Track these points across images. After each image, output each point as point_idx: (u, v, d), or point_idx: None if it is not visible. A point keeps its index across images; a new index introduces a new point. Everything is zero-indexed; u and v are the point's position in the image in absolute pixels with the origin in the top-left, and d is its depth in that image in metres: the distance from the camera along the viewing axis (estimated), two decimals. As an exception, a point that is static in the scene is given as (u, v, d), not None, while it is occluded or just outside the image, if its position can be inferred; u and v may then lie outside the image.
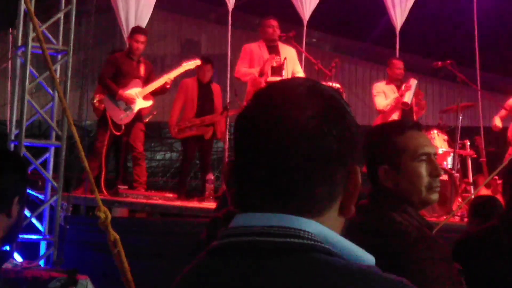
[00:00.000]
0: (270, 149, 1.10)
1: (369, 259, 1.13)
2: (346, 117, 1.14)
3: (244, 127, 1.15)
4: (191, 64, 8.10)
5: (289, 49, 7.93)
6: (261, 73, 7.53)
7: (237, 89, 8.60)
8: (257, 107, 1.15)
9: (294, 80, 1.21)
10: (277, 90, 1.16)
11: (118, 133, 7.76)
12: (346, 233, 1.17)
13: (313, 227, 1.09)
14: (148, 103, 7.93)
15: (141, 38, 7.89)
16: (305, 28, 9.58)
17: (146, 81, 7.92)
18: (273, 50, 7.88)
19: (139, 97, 7.81)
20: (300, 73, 7.95)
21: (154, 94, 7.99)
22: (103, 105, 8.01)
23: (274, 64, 7.72)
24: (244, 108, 1.17)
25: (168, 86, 7.94)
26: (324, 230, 1.10)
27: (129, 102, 7.77)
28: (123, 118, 7.78)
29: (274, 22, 7.94)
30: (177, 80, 8.13)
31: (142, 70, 7.95)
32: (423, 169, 2.27)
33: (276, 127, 1.10)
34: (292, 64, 7.79)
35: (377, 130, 2.46)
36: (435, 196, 2.30)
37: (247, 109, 1.17)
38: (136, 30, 8.07)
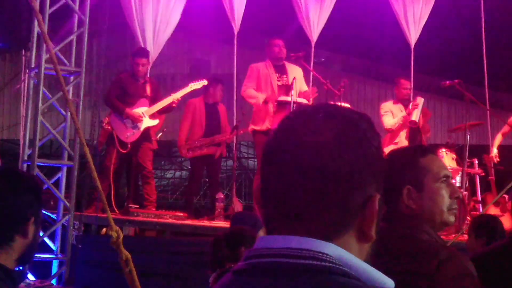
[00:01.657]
0: (287, 173, 1.15)
1: (388, 283, 1.15)
2: (363, 144, 1.17)
3: (267, 152, 1.21)
4: (198, 84, 8.17)
5: (295, 69, 7.94)
6: (266, 102, 7.62)
7: (244, 108, 8.66)
8: (279, 132, 1.21)
9: (315, 105, 1.26)
10: (298, 116, 1.21)
11: (124, 151, 7.82)
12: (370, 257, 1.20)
13: (332, 250, 1.12)
14: (155, 122, 7.99)
15: (142, 61, 7.94)
16: (313, 48, 9.64)
17: (153, 100, 7.98)
18: (280, 69, 7.91)
19: (145, 116, 7.87)
20: (308, 92, 8.00)
21: (159, 112, 8.05)
22: (110, 127, 8.08)
23: (281, 83, 7.80)
24: (271, 134, 1.23)
25: (174, 105, 8.00)
26: (343, 253, 1.13)
27: (135, 120, 7.82)
28: (130, 136, 7.84)
29: (280, 42, 7.97)
30: (183, 99, 8.18)
31: (148, 89, 8.01)
32: (444, 190, 2.34)
33: (292, 152, 1.16)
34: (300, 83, 7.83)
35: (398, 152, 2.54)
36: (453, 218, 2.37)
37: (273, 135, 1.22)
38: (137, 53, 8.13)
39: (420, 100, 8.09)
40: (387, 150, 7.29)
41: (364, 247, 1.18)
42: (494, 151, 8.46)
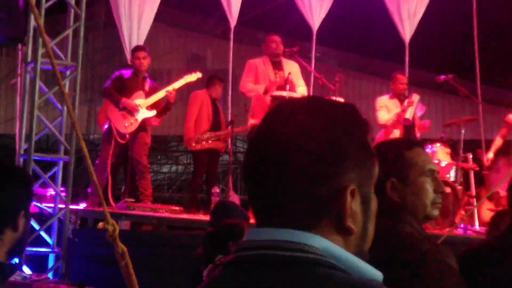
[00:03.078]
0: (260, 166, 1.18)
1: (376, 274, 1.16)
2: (330, 134, 1.16)
3: (248, 146, 1.24)
4: (193, 76, 8.18)
5: (292, 64, 7.98)
6: (266, 92, 7.62)
7: (247, 104, 8.68)
8: (259, 126, 1.23)
9: (295, 98, 1.27)
10: (276, 110, 1.23)
11: (123, 141, 7.84)
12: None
13: (317, 241, 1.14)
14: (152, 113, 7.99)
15: (141, 54, 7.97)
16: (314, 38, 9.62)
17: (149, 95, 8.01)
18: (277, 65, 7.93)
19: (142, 108, 7.90)
20: (302, 87, 8.00)
21: (159, 112, 8.05)
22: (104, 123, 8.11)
23: (278, 79, 7.81)
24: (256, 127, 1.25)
25: (172, 101, 7.99)
26: (330, 245, 1.14)
27: (132, 110, 7.85)
28: (128, 126, 7.85)
29: (277, 38, 7.99)
30: (183, 92, 8.19)
31: (146, 86, 8.04)
32: (429, 184, 2.34)
33: (267, 145, 1.18)
34: (296, 78, 7.85)
35: (385, 144, 2.53)
36: (436, 212, 2.37)
37: (255, 129, 1.24)
38: (135, 48, 8.19)
39: (416, 98, 8.07)
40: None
41: (349, 240, 1.18)
42: (490, 155, 8.41)
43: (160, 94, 7.96)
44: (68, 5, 6.91)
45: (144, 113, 7.90)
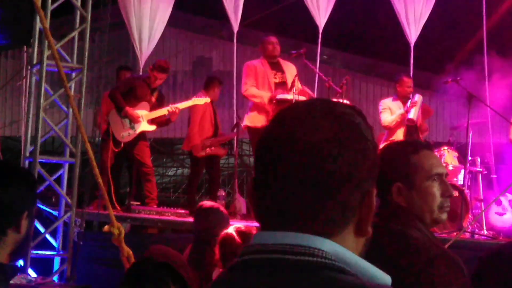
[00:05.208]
0: (282, 170, 1.14)
1: (385, 279, 1.15)
2: (360, 140, 1.16)
3: (262, 148, 1.19)
4: (201, 100, 8.12)
5: (289, 66, 8.00)
6: (271, 100, 7.59)
7: (240, 108, 8.64)
8: (273, 129, 1.18)
9: (310, 101, 1.23)
10: (293, 112, 1.19)
11: (117, 150, 7.85)
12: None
13: (327, 245, 1.12)
14: (151, 128, 7.99)
15: (164, 76, 7.97)
16: (320, 36, 9.58)
17: (155, 107, 7.99)
18: (275, 66, 7.93)
19: (144, 120, 7.88)
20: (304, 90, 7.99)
21: (158, 124, 8.05)
22: (105, 125, 8.11)
23: (277, 81, 7.81)
24: (265, 129, 1.21)
25: (173, 119, 7.99)
26: (339, 249, 1.13)
27: (133, 121, 7.84)
28: (125, 136, 7.85)
29: (274, 39, 8.00)
30: (189, 94, 8.16)
31: (154, 97, 8.03)
32: (435, 188, 2.31)
33: (288, 149, 1.14)
34: (293, 80, 7.85)
35: (391, 148, 2.49)
36: (445, 216, 2.34)
37: (266, 130, 1.20)
38: (161, 67, 7.98)
39: (419, 98, 8.03)
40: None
41: (359, 242, 1.18)
42: None
43: (164, 111, 7.93)
44: (74, 7, 6.89)
45: (143, 126, 7.90)
